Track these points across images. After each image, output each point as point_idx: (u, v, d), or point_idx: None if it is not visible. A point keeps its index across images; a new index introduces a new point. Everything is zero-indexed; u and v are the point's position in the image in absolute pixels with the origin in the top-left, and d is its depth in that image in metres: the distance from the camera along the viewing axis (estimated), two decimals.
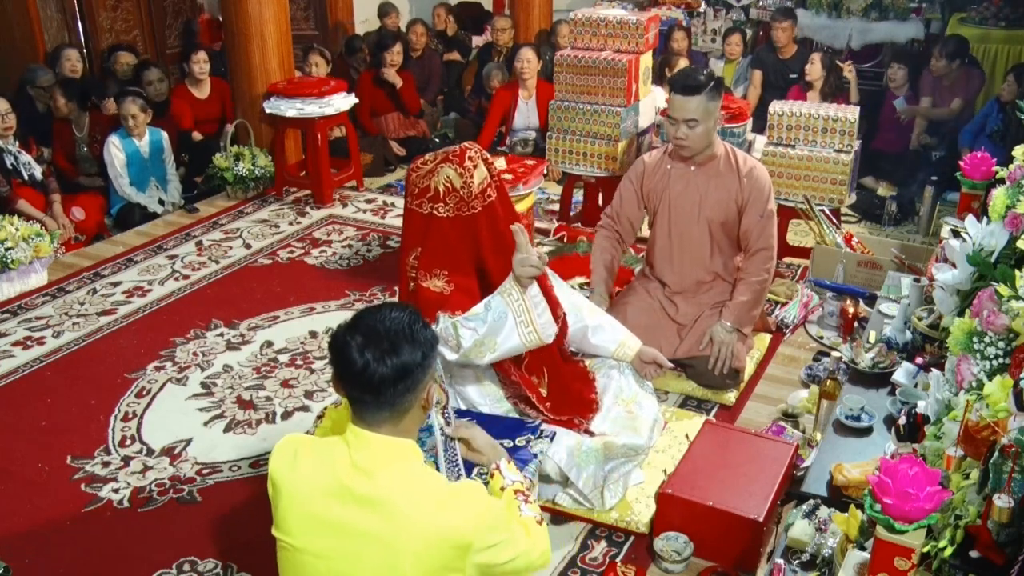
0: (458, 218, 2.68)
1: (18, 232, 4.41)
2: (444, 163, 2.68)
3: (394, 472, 1.75)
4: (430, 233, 2.69)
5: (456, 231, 2.68)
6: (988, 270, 2.58)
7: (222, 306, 4.33)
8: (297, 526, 1.77)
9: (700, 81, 3.36)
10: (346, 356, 1.72)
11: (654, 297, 3.67)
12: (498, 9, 8.51)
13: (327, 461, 1.77)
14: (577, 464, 2.78)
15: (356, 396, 1.75)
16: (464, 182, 2.66)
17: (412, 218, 2.74)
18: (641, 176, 3.66)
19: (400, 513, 1.71)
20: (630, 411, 3.01)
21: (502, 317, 2.65)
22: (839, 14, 7.23)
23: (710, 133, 3.43)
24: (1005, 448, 1.74)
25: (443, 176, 2.67)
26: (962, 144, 5.64)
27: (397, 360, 1.71)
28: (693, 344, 3.55)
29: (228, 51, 5.81)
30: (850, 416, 2.88)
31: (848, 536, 2.19)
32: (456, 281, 2.69)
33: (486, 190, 2.70)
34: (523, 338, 2.69)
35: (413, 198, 2.73)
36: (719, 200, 3.52)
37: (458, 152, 2.70)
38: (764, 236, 3.51)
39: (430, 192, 2.68)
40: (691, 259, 3.62)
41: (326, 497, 1.74)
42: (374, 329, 1.73)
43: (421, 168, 2.74)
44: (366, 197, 5.81)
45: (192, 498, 3.03)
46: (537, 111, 6.21)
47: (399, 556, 1.70)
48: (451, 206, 2.67)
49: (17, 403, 3.56)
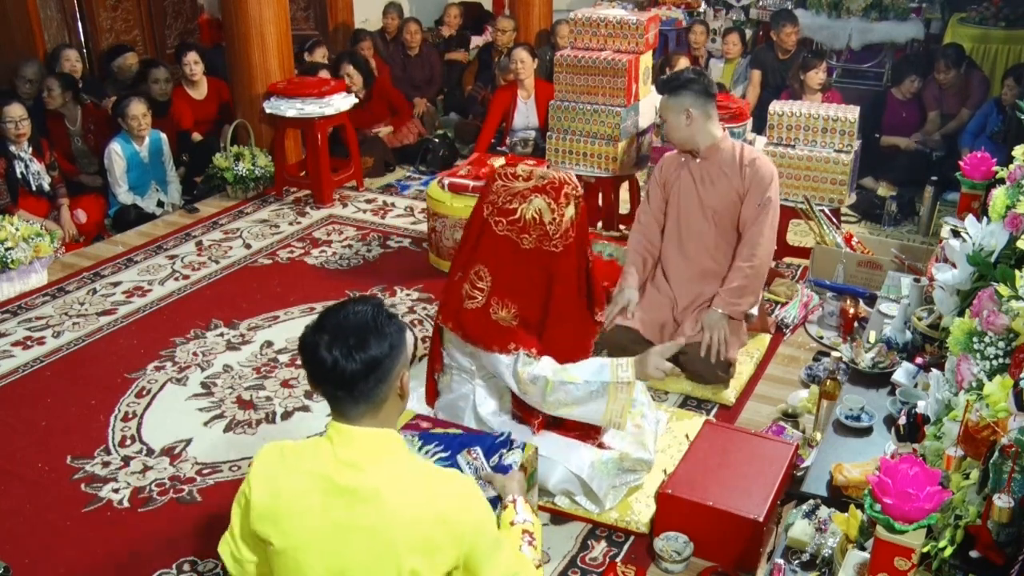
0: (539, 251, 2.62)
1: (18, 232, 4.40)
2: (538, 192, 2.61)
3: (380, 463, 1.75)
4: (507, 261, 2.63)
5: (532, 266, 2.63)
6: (988, 270, 2.58)
7: (222, 306, 4.33)
8: (290, 528, 1.76)
9: (678, 80, 3.60)
10: (315, 356, 1.74)
11: (664, 294, 3.72)
12: (498, 9, 8.51)
13: (313, 460, 1.77)
14: (598, 476, 2.80)
15: (331, 393, 1.77)
16: (553, 219, 2.61)
17: (488, 232, 2.66)
18: (660, 168, 3.81)
19: (391, 503, 1.71)
20: (638, 425, 3.03)
21: (599, 397, 2.62)
22: (839, 14, 7.23)
23: (682, 128, 3.57)
24: (1005, 448, 1.74)
25: (534, 206, 2.61)
26: (962, 144, 5.64)
27: (365, 355, 1.72)
28: (686, 330, 3.58)
29: (228, 51, 5.81)
30: (850, 416, 2.88)
31: (848, 536, 2.19)
32: (523, 316, 2.66)
33: (569, 230, 2.64)
34: (605, 421, 2.69)
35: (494, 212, 2.65)
36: (721, 191, 3.61)
37: (556, 184, 2.63)
38: (759, 221, 3.56)
39: (515, 216, 2.62)
40: (695, 248, 3.68)
41: (317, 496, 1.74)
42: (340, 326, 1.75)
43: (510, 183, 2.65)
44: (366, 197, 5.81)
45: (192, 498, 3.03)
46: (537, 111, 6.21)
47: (394, 546, 1.71)
48: (533, 238, 2.62)
49: (17, 403, 3.56)
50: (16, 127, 4.80)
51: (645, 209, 3.82)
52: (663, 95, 3.64)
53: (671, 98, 3.58)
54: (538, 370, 2.62)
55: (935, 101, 6.11)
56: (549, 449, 2.78)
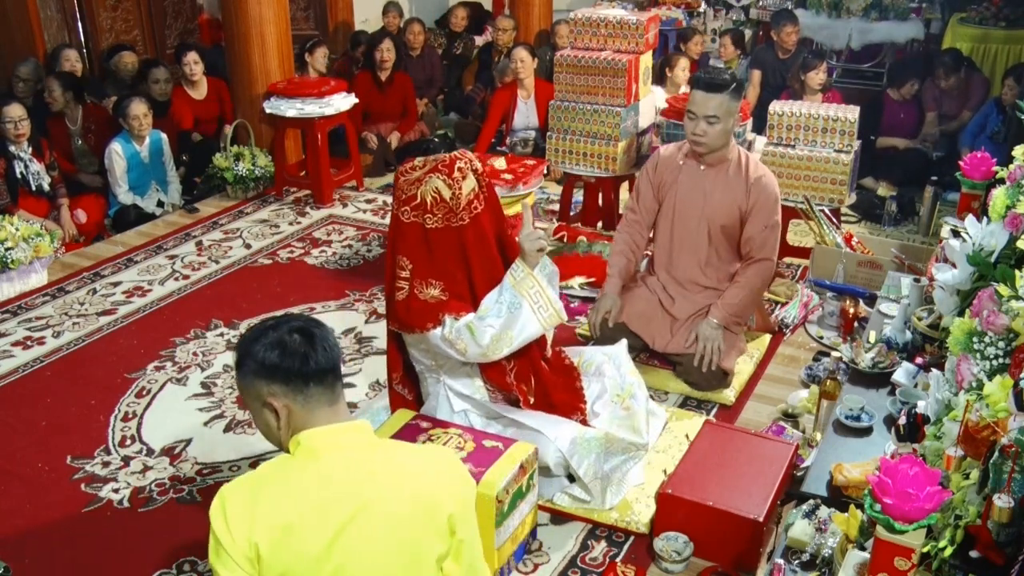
0: (447, 228, 2.65)
1: (18, 232, 4.40)
2: (433, 172, 2.65)
3: (364, 454, 1.74)
4: (419, 244, 2.67)
5: (445, 243, 2.66)
6: (988, 270, 2.58)
7: (222, 306, 4.33)
8: (299, 560, 1.65)
9: (725, 79, 3.41)
10: (303, 354, 1.72)
11: (653, 291, 3.68)
12: (498, 9, 8.51)
13: (297, 482, 1.68)
14: (579, 452, 2.77)
15: (316, 392, 1.73)
16: (453, 193, 2.64)
17: (398, 224, 2.72)
18: (655, 167, 3.67)
19: (387, 487, 1.71)
20: (627, 407, 3.01)
21: (517, 307, 2.65)
22: (839, 14, 7.24)
23: (727, 133, 3.44)
24: (1005, 448, 1.74)
25: (431, 186, 2.64)
26: (962, 144, 5.65)
27: (333, 343, 1.78)
28: (682, 340, 3.56)
29: (228, 51, 5.81)
30: (850, 416, 2.88)
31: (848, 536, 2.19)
32: (451, 290, 2.68)
33: (473, 202, 2.67)
34: (543, 321, 2.70)
35: (400, 204, 2.71)
36: (722, 203, 3.51)
37: (447, 161, 2.67)
38: (767, 247, 3.51)
39: (416, 201, 2.66)
40: (687, 257, 3.62)
41: (317, 515, 1.66)
42: (300, 332, 1.75)
43: (409, 174, 2.71)
44: (366, 197, 5.81)
45: (192, 498, 3.03)
46: (537, 111, 6.21)
47: (413, 528, 1.70)
48: (439, 217, 2.64)
49: (17, 403, 3.56)
50: (15, 127, 4.80)
51: (633, 207, 3.71)
52: (720, 95, 3.35)
53: (732, 100, 3.38)
54: (460, 323, 2.64)
55: (935, 102, 6.12)
56: (533, 423, 2.77)
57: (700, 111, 3.39)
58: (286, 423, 1.74)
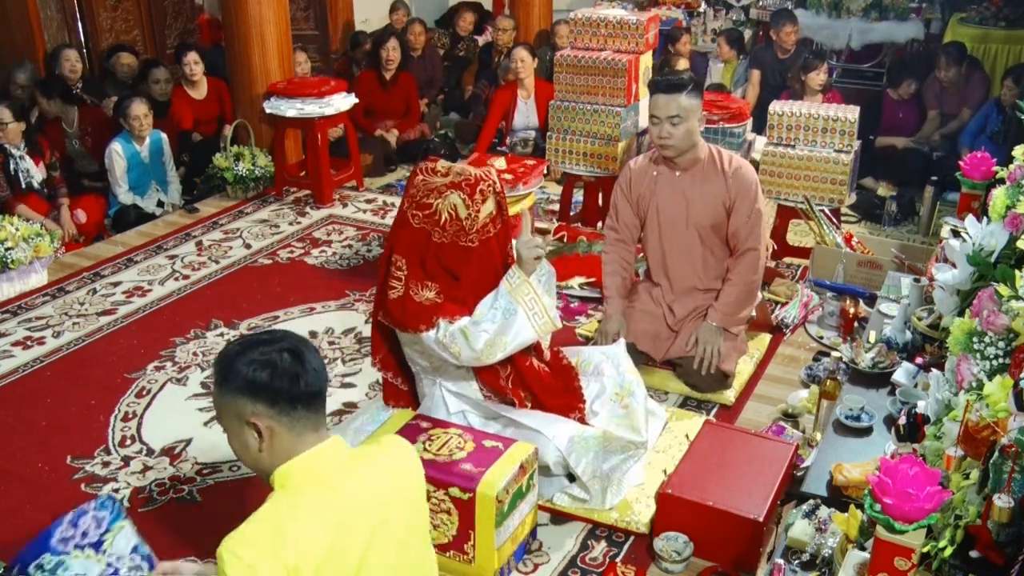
0: (453, 245, 2.63)
1: (18, 232, 4.40)
2: (454, 188, 2.61)
3: (354, 469, 1.75)
4: (420, 251, 2.65)
5: (446, 256, 2.65)
6: (988, 270, 2.58)
7: (222, 306, 4.33)
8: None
9: (683, 79, 3.43)
10: (294, 375, 1.68)
11: (658, 303, 3.67)
12: (498, 9, 8.51)
13: (319, 509, 1.65)
14: (577, 450, 2.77)
15: (302, 416, 1.69)
16: (469, 214, 2.60)
17: (404, 223, 2.69)
18: (629, 182, 3.65)
19: (386, 489, 1.76)
20: (625, 405, 3.01)
21: (512, 313, 2.63)
22: (839, 14, 7.24)
23: (693, 133, 3.43)
24: (1005, 448, 1.74)
25: (449, 202, 2.60)
26: (962, 144, 5.64)
27: (321, 366, 1.75)
28: (682, 344, 3.56)
29: (228, 51, 5.81)
30: (850, 416, 2.88)
31: (848, 536, 2.19)
32: (447, 293, 2.67)
33: (487, 225, 2.64)
34: (537, 328, 2.68)
35: (412, 205, 2.66)
36: (706, 203, 3.50)
37: (472, 181, 2.62)
38: (752, 236, 3.50)
39: (430, 211, 2.63)
40: (683, 265, 3.61)
41: (347, 533, 1.66)
42: (291, 353, 1.72)
43: (430, 178, 2.66)
44: (366, 197, 5.81)
45: (192, 498, 3.03)
46: (537, 111, 6.21)
47: (408, 514, 1.80)
48: (449, 233, 2.62)
49: (17, 403, 3.56)
50: (2, 131, 4.77)
51: (614, 225, 3.68)
52: (679, 95, 3.35)
53: (692, 99, 3.38)
54: (454, 327, 2.63)
55: (935, 100, 6.11)
56: (531, 422, 2.77)
57: (662, 113, 3.39)
58: (269, 445, 1.68)
